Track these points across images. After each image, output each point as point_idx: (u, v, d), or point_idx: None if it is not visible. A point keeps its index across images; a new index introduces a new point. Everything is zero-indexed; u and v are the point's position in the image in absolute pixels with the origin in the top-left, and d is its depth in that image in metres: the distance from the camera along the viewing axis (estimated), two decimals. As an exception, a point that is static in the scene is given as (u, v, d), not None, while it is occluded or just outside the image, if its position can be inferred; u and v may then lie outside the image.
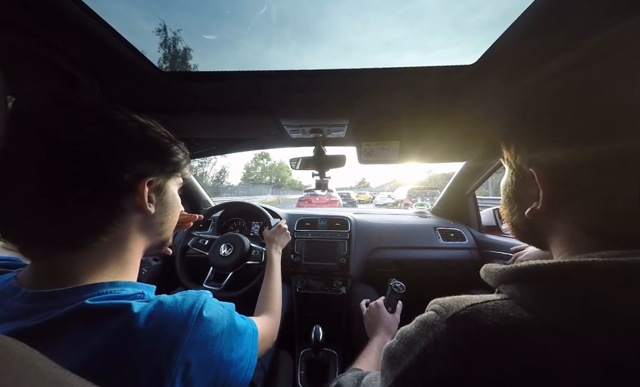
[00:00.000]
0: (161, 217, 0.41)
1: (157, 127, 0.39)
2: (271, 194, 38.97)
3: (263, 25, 25.27)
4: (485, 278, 0.30)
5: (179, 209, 0.48)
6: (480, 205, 1.41)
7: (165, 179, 0.41)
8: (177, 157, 0.42)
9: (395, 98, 0.70)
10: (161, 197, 0.41)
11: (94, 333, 0.27)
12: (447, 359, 0.24)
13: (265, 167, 69.86)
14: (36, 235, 0.30)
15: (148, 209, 0.37)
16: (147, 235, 0.40)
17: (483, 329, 0.23)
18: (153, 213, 0.38)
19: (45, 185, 0.29)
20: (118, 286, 0.33)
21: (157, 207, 0.39)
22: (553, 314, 0.22)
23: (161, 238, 0.43)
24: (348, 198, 19.12)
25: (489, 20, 24.80)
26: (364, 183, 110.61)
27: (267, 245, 0.92)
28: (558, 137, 0.26)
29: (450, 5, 15.17)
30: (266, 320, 0.60)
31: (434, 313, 0.28)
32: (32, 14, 0.41)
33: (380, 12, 24.35)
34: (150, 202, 0.37)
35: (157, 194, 0.39)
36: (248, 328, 0.42)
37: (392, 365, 0.30)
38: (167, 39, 20.50)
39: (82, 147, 0.30)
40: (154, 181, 0.38)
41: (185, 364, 0.29)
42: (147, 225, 0.39)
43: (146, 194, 0.36)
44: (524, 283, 0.25)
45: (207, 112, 0.78)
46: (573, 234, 0.28)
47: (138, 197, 0.35)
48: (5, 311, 0.29)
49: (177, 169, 0.43)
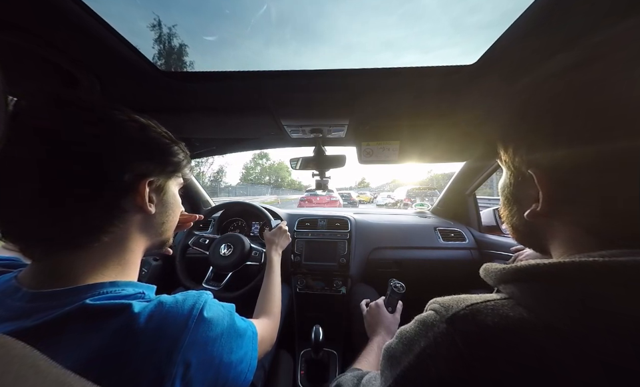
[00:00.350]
0: (161, 217, 0.41)
1: (157, 127, 0.39)
2: (270, 194, 38.71)
3: (264, 25, 24.98)
4: (485, 277, 0.30)
5: (180, 209, 0.48)
6: (484, 205, 1.41)
7: (166, 179, 0.41)
8: (177, 157, 0.42)
9: (395, 98, 0.70)
10: (162, 197, 0.41)
11: (94, 333, 0.27)
12: (447, 359, 0.24)
13: (265, 167, 70.21)
14: (37, 235, 0.30)
15: (149, 209, 0.37)
16: (147, 235, 0.40)
17: (483, 329, 0.23)
18: (153, 213, 0.38)
19: (45, 185, 0.29)
20: (118, 286, 0.33)
21: (157, 207, 0.39)
22: (553, 314, 0.22)
23: (161, 238, 0.43)
24: (349, 198, 19.13)
25: (490, 20, 24.77)
26: (364, 183, 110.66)
27: (267, 246, 0.91)
28: (558, 137, 0.26)
29: (450, 5, 15.14)
30: (265, 322, 0.59)
31: (433, 313, 0.28)
32: (33, 14, 0.41)
33: (380, 12, 23.86)
34: (150, 202, 0.37)
35: (157, 194, 0.39)
36: (248, 329, 0.42)
37: (392, 365, 0.30)
38: (167, 39, 20.50)
39: (82, 147, 0.31)
40: (154, 181, 0.38)
41: (185, 364, 0.29)
42: (147, 225, 0.39)
43: (147, 194, 0.36)
44: (524, 283, 0.24)
45: (207, 112, 0.78)
46: (573, 234, 0.27)
47: (139, 197, 0.35)
48: (6, 311, 0.29)
49: (177, 169, 0.43)
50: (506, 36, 0.47)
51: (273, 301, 0.69)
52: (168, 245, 0.47)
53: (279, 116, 0.80)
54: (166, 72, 0.60)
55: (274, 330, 0.61)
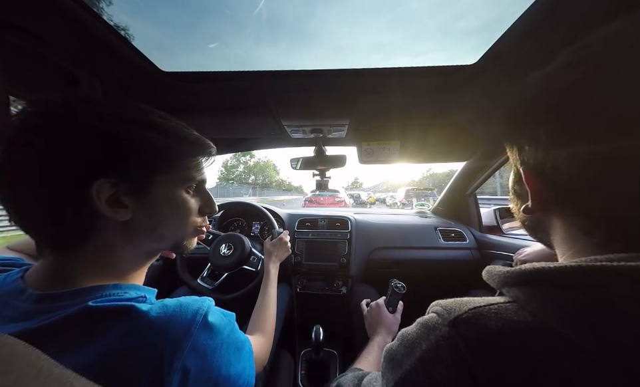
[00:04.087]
0: (149, 221, 0.35)
1: (136, 115, 0.34)
2: (249, 196, 32.75)
3: (264, 25, 24.76)
4: (488, 280, 0.30)
5: (188, 212, 0.40)
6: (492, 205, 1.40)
7: (146, 177, 0.34)
8: (155, 146, 0.34)
9: (396, 98, 0.70)
10: (143, 199, 0.34)
11: (95, 335, 0.27)
12: (448, 363, 0.23)
13: (249, 166, 63.22)
14: (39, 235, 0.31)
15: (111, 215, 0.31)
16: (135, 242, 0.35)
17: (485, 333, 0.23)
18: (131, 219, 0.33)
19: (28, 189, 0.29)
20: (121, 289, 0.33)
21: (137, 211, 0.33)
22: (557, 319, 0.21)
23: (164, 244, 0.39)
24: (358, 199, 19.19)
25: (489, 21, 24.74)
26: (358, 183, 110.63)
27: (266, 257, 0.88)
28: (539, 138, 0.27)
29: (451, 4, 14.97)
30: (260, 340, 0.56)
31: (435, 316, 0.27)
32: (33, 14, 0.41)
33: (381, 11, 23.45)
34: (119, 207, 0.32)
35: (134, 196, 0.33)
36: (246, 344, 0.41)
37: (393, 367, 0.29)
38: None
39: (28, 148, 0.29)
40: (119, 182, 0.31)
41: (184, 372, 0.29)
42: (130, 231, 0.34)
43: (102, 197, 0.30)
44: (528, 286, 0.24)
45: (207, 112, 0.78)
46: (569, 233, 0.27)
47: (93, 203, 0.30)
48: (13, 312, 0.29)
49: (161, 164, 0.35)
50: (506, 36, 0.47)
51: (268, 318, 0.66)
52: (184, 250, 0.42)
53: (279, 116, 0.80)
54: (166, 72, 0.60)
55: (267, 350, 0.58)
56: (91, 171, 0.30)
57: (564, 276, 0.22)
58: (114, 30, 0.47)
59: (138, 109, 0.35)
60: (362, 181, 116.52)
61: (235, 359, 0.36)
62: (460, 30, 1.67)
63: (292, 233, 1.28)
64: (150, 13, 0.65)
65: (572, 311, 0.21)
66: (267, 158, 66.62)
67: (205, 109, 0.76)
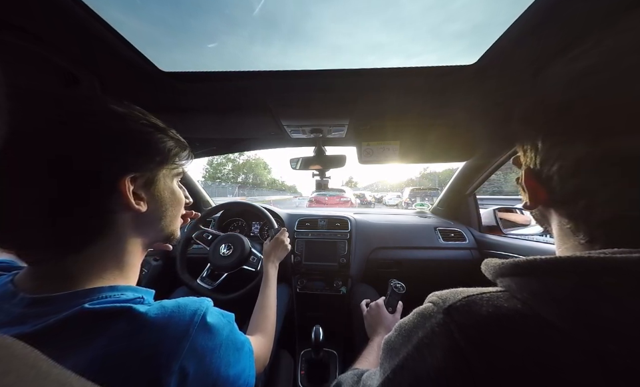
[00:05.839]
0: (157, 213, 0.39)
1: (140, 116, 0.36)
2: (234, 196, 31.87)
3: (264, 25, 25.22)
4: (485, 272, 0.31)
5: (181, 202, 0.44)
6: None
7: (155, 171, 0.37)
8: (164, 145, 0.38)
9: (395, 98, 0.70)
10: (153, 192, 0.37)
11: (93, 337, 0.27)
12: (443, 348, 0.24)
13: (238, 164, 59.86)
14: (33, 240, 0.30)
15: (136, 207, 0.34)
16: (144, 234, 0.38)
17: (477, 319, 0.24)
18: (145, 211, 0.36)
19: (29, 191, 0.28)
20: (117, 290, 0.33)
21: (150, 203, 0.37)
22: (547, 308, 0.22)
23: (162, 234, 0.42)
24: (363, 198, 19.23)
25: (489, 21, 25.02)
26: (352, 183, 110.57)
27: (265, 258, 0.87)
28: (538, 147, 0.29)
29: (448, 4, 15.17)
30: (260, 341, 0.57)
31: (431, 305, 0.28)
32: (33, 14, 0.41)
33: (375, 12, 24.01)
34: (138, 200, 0.35)
35: (147, 189, 0.36)
36: (245, 344, 0.41)
37: (391, 356, 0.30)
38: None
39: (50, 149, 0.29)
40: (138, 177, 0.35)
41: (183, 373, 0.28)
42: (141, 223, 0.37)
43: (130, 191, 0.33)
44: (520, 277, 0.25)
45: (207, 112, 0.78)
46: (564, 231, 0.29)
47: (122, 196, 0.33)
48: (5, 316, 0.28)
49: (166, 159, 0.39)
50: (506, 36, 0.47)
51: (268, 318, 0.67)
52: (174, 239, 0.44)
53: (278, 116, 0.80)
54: (166, 73, 0.60)
55: (268, 350, 0.58)
56: (119, 168, 0.33)
57: (555, 267, 0.23)
58: (114, 30, 0.47)
59: (140, 109, 0.38)
60: (356, 181, 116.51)
61: (235, 359, 0.36)
62: (458, 31, 1.68)
63: (292, 233, 1.28)
64: (149, 13, 0.64)
65: (559, 300, 0.22)
66: (257, 156, 62.95)
67: (205, 109, 0.76)
